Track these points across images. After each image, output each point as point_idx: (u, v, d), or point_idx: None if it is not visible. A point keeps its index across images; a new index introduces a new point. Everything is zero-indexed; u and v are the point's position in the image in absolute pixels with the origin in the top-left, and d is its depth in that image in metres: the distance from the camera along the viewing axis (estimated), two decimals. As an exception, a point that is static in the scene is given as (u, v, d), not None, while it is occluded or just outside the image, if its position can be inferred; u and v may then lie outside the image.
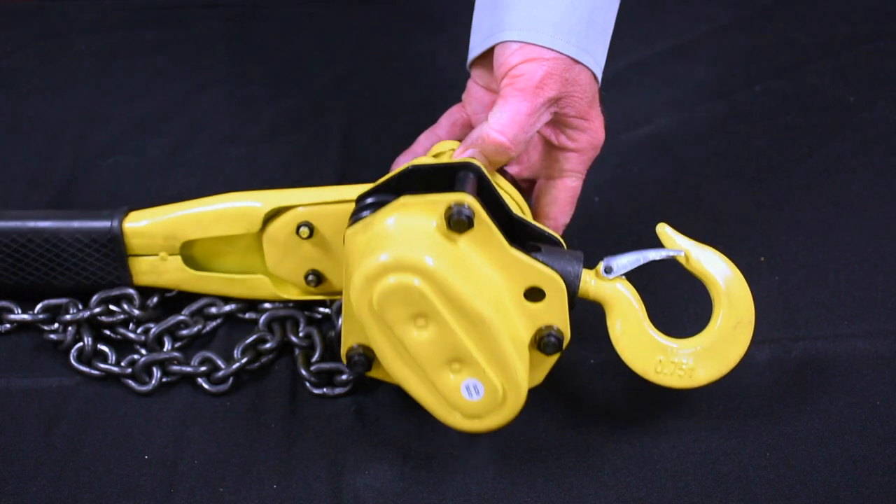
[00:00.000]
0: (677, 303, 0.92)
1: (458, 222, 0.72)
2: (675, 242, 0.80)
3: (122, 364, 0.87)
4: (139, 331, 0.90)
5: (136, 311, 0.90)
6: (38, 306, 0.90)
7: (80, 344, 0.88)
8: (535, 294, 0.76)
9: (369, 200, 0.79)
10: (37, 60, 1.24)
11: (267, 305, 0.92)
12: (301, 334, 0.90)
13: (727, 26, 1.29)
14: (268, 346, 0.89)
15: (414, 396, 0.77)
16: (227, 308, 0.91)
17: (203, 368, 0.87)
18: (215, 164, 1.10)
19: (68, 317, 0.89)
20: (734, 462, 0.81)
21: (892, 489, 0.79)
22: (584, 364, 0.89)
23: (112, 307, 0.90)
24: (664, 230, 0.80)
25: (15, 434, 0.83)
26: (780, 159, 1.10)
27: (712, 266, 0.79)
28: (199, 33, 1.28)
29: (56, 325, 0.90)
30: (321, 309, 0.92)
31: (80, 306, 0.90)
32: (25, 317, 0.90)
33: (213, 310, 0.91)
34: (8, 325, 0.91)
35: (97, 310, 0.89)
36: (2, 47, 1.25)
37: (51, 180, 1.07)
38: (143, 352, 0.89)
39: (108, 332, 0.91)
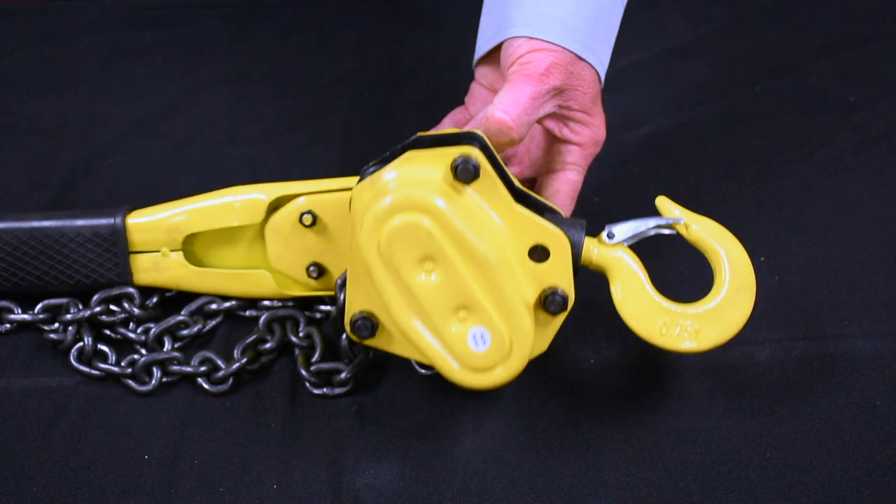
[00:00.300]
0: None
1: (464, 171, 0.73)
2: (674, 213, 0.81)
3: (122, 364, 0.87)
4: (139, 331, 0.90)
5: (137, 311, 0.90)
6: (38, 306, 0.90)
7: (80, 344, 0.88)
8: (539, 253, 0.77)
9: (373, 169, 0.79)
10: (37, 60, 1.23)
11: (267, 304, 0.92)
12: (301, 334, 0.90)
13: (727, 26, 1.29)
14: (268, 346, 0.89)
15: (420, 351, 0.78)
16: (227, 304, 0.92)
17: (203, 368, 0.87)
18: (215, 164, 1.10)
19: (68, 316, 0.89)
20: (734, 462, 0.81)
21: (892, 489, 0.79)
22: (584, 364, 0.89)
23: (112, 307, 0.90)
24: (664, 203, 0.81)
25: (15, 434, 0.83)
26: (780, 159, 1.10)
27: (712, 234, 0.80)
28: (199, 33, 1.28)
29: (56, 324, 0.90)
30: (321, 307, 0.92)
31: (81, 306, 0.90)
32: (25, 317, 0.90)
33: (213, 307, 0.91)
34: (8, 325, 0.91)
35: (97, 309, 0.89)
36: (2, 47, 1.25)
37: (51, 180, 1.07)
38: (143, 352, 0.89)
39: (108, 331, 0.91)
